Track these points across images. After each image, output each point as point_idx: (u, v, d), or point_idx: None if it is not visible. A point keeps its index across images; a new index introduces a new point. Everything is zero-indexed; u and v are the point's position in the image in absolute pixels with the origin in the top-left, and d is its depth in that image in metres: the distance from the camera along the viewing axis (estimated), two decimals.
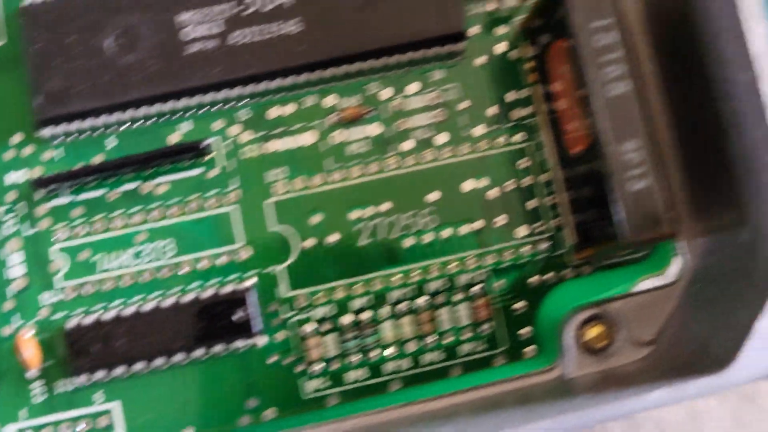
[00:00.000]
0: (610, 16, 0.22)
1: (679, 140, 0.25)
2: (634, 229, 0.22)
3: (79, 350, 0.23)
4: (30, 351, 0.23)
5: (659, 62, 0.25)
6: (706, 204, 0.25)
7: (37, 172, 0.25)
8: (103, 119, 0.24)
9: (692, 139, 0.25)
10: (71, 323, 0.24)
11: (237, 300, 0.24)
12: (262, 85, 0.24)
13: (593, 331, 0.24)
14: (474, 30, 0.26)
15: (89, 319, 0.24)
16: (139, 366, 0.24)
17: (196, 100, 0.24)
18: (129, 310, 0.24)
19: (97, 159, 0.25)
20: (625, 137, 0.22)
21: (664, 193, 0.22)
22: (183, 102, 0.24)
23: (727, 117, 0.22)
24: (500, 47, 0.26)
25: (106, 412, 0.24)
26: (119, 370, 0.23)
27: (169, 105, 0.24)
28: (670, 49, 0.25)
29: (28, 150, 0.25)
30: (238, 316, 0.23)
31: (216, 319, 0.23)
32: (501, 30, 0.26)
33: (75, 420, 0.24)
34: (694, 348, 0.22)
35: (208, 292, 0.24)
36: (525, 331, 0.25)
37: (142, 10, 0.24)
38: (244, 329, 0.23)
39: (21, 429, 0.24)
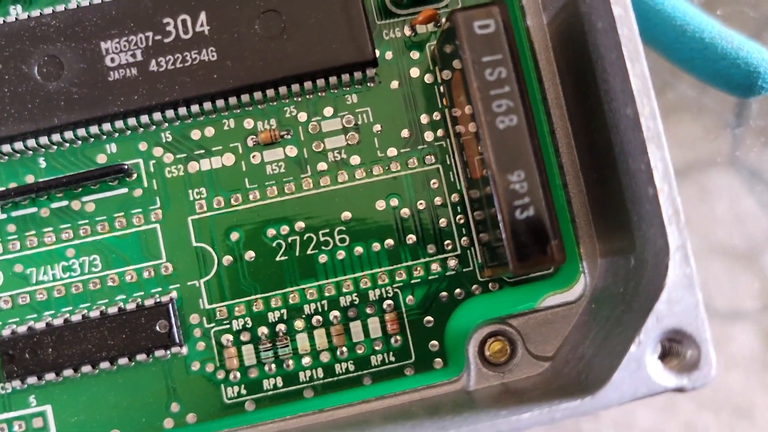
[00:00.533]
0: (501, 51, 0.23)
1: (584, 164, 0.26)
2: (520, 258, 0.23)
3: (11, 357, 0.25)
4: None
5: (563, 89, 0.26)
6: (605, 227, 0.26)
7: None
8: (32, 143, 0.26)
9: (594, 164, 0.25)
10: (5, 332, 0.25)
11: (160, 311, 0.25)
12: (182, 110, 0.26)
13: (495, 346, 0.25)
14: (389, 54, 0.27)
15: (22, 329, 0.25)
16: (67, 372, 0.25)
17: (120, 124, 0.26)
18: (58, 321, 0.25)
19: (29, 179, 0.26)
20: (513, 168, 0.23)
21: (549, 222, 0.23)
22: (107, 126, 0.26)
23: (616, 147, 0.23)
24: (414, 71, 0.27)
25: (40, 414, 0.26)
26: (49, 376, 0.25)
27: (94, 129, 0.26)
28: (573, 77, 0.25)
29: None
30: (160, 326, 0.25)
31: (140, 330, 0.25)
32: (415, 55, 0.27)
33: (10, 421, 0.26)
34: (580, 368, 0.24)
35: (132, 305, 0.26)
36: (433, 344, 0.26)
37: (66, 39, 0.25)
38: (166, 339, 0.25)
39: None
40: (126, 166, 0.26)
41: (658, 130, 0.22)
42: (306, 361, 0.26)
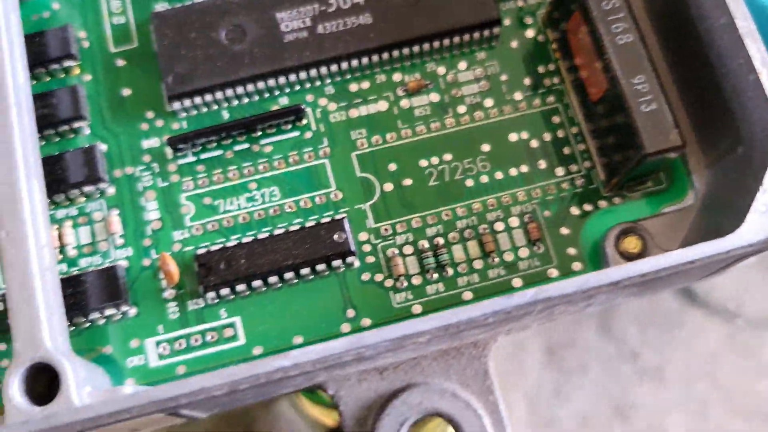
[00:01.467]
0: None
1: (679, 87, 0.31)
2: (650, 142, 0.27)
3: (209, 269, 0.29)
4: (172, 265, 0.28)
5: (656, 20, 0.31)
6: (708, 138, 0.30)
7: (166, 139, 0.30)
8: (219, 94, 0.30)
9: (691, 78, 0.30)
10: (200, 250, 0.29)
11: (337, 224, 0.29)
12: (344, 64, 0.31)
13: (629, 241, 0.29)
14: (507, 21, 0.32)
15: (215, 247, 0.29)
16: (256, 284, 0.29)
17: (292, 77, 0.31)
18: (248, 238, 0.29)
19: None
20: (635, 73, 0.28)
21: (670, 114, 0.28)
22: (282, 79, 0.31)
23: (713, 55, 0.29)
24: (529, 33, 0.32)
25: (230, 325, 0.29)
26: (240, 287, 0.29)
27: (271, 82, 0.31)
28: (663, 9, 0.31)
29: (159, 122, 0.31)
30: (338, 236, 0.29)
31: (320, 240, 0.29)
32: (529, 20, 0.33)
33: (203, 333, 0.29)
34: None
35: (311, 222, 0.29)
36: (571, 250, 0.30)
37: (247, 11, 0.31)
38: (344, 247, 0.29)
39: (159, 341, 0.29)
40: (302, 106, 0.30)
41: (750, 28, 0.27)
42: (462, 267, 0.30)
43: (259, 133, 0.31)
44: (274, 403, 0.60)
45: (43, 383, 0.26)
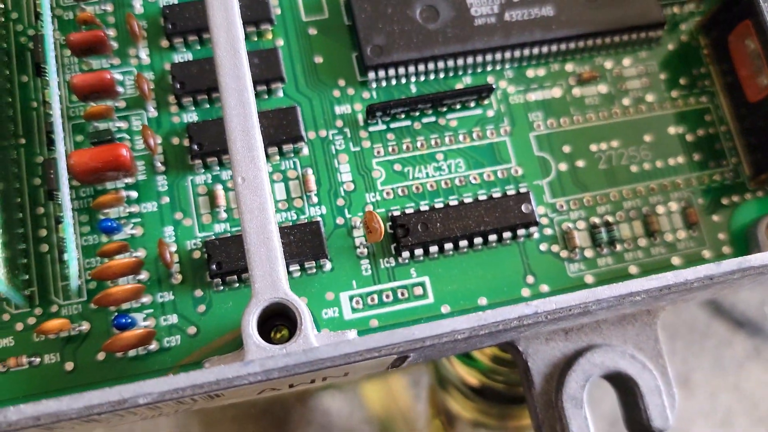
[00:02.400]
0: None
1: None
2: None
3: (407, 230, 0.30)
4: (379, 221, 0.30)
5: None
6: None
7: (358, 107, 0.32)
8: (411, 69, 0.32)
9: None
10: (395, 212, 0.31)
11: (523, 197, 0.31)
12: (526, 51, 0.33)
13: None
14: (665, 27, 0.35)
15: (408, 210, 0.31)
16: (447, 246, 0.31)
17: (479, 58, 0.33)
18: (438, 204, 0.31)
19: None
20: None
21: None
22: (470, 59, 0.33)
23: None
24: (683, 38, 0.35)
25: (420, 284, 0.31)
26: (433, 249, 0.31)
27: (460, 61, 0.33)
28: None
29: (350, 90, 0.33)
30: (525, 208, 0.31)
31: (509, 210, 0.31)
32: (683, 26, 0.36)
33: (395, 290, 0.31)
34: None
35: (497, 194, 0.32)
36: (721, 236, 0.33)
37: None
38: (530, 217, 0.31)
39: (352, 296, 0.30)
40: (492, 85, 0.32)
41: None
42: (628, 244, 0.32)
43: (445, 108, 0.33)
44: (309, 396, 0.61)
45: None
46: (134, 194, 0.31)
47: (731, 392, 0.36)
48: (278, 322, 0.28)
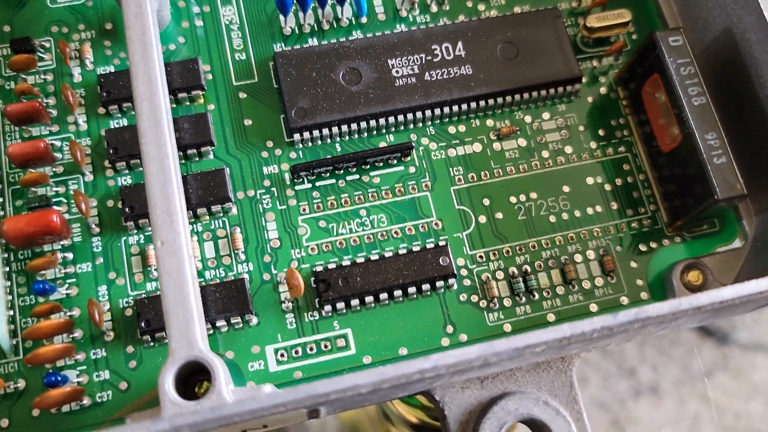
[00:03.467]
0: (688, 56, 0.33)
1: (731, 142, 0.35)
2: (722, 190, 0.32)
3: (328, 285, 0.32)
4: (299, 279, 0.31)
5: (716, 85, 0.36)
6: (758, 189, 0.35)
7: (285, 167, 0.34)
8: (335, 129, 0.34)
9: (741, 141, 0.35)
10: (318, 268, 0.32)
11: (441, 249, 0.33)
12: (446, 109, 0.35)
13: (692, 274, 0.34)
14: (584, 79, 0.37)
15: (331, 265, 0.32)
16: (368, 299, 0.32)
17: (401, 117, 0.35)
18: (360, 259, 0.33)
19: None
20: (708, 130, 0.33)
21: (735, 167, 0.32)
22: (391, 119, 0.34)
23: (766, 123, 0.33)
24: (603, 90, 0.37)
25: (343, 336, 0.32)
26: (354, 302, 0.32)
27: (382, 121, 0.34)
28: (724, 78, 0.36)
29: (278, 151, 0.34)
30: (442, 260, 0.32)
31: (427, 263, 0.32)
32: (602, 79, 0.37)
33: (318, 342, 0.32)
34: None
35: (416, 248, 0.33)
36: (639, 282, 0.34)
37: (362, 56, 0.35)
38: (448, 270, 0.32)
39: (277, 348, 0.32)
40: (412, 143, 0.34)
41: None
42: (546, 292, 0.33)
43: (369, 166, 0.34)
44: None
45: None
46: (70, 255, 0.32)
47: (699, 400, 0.37)
48: (202, 377, 0.30)
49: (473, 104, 0.35)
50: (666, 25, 0.38)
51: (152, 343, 0.31)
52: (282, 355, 0.32)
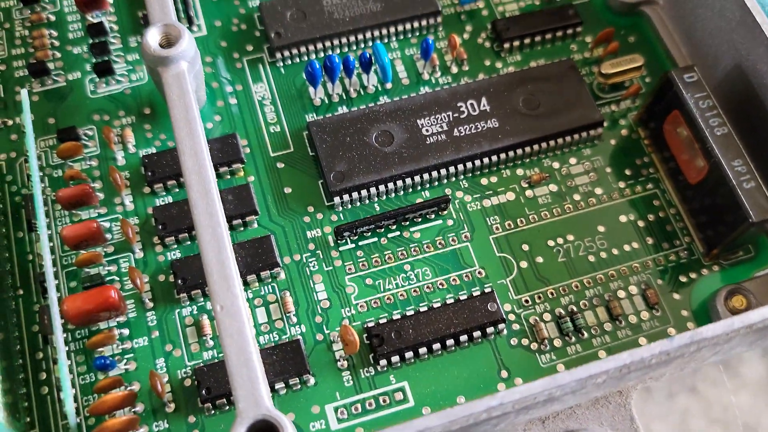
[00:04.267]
0: (704, 90, 0.35)
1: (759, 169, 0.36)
2: (756, 212, 0.33)
3: (381, 339, 0.32)
4: (353, 333, 0.32)
5: (734, 116, 0.37)
6: None
7: (327, 229, 0.35)
8: (373, 190, 0.35)
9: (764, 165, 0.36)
10: (369, 324, 0.33)
11: (488, 296, 0.33)
12: (477, 162, 0.36)
13: (736, 300, 0.34)
14: (604, 123, 0.38)
15: (382, 320, 0.33)
16: (422, 351, 0.32)
17: (435, 174, 0.36)
18: (409, 312, 0.33)
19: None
20: (734, 158, 0.34)
21: (765, 191, 0.33)
22: (426, 176, 0.36)
23: None
24: (624, 132, 0.38)
25: (400, 389, 0.32)
26: (408, 355, 0.32)
27: (417, 178, 0.36)
28: (740, 108, 0.37)
29: (319, 215, 0.35)
30: (490, 306, 0.33)
31: (475, 310, 0.33)
32: (622, 122, 0.38)
33: (376, 397, 0.32)
34: None
35: (463, 296, 0.34)
36: (684, 312, 0.35)
37: (392, 119, 0.36)
38: (496, 315, 0.33)
39: (337, 407, 0.32)
40: (449, 197, 0.35)
41: None
42: (594, 330, 0.34)
43: (408, 222, 0.35)
44: None
45: None
46: (126, 331, 0.33)
47: (688, 394, 0.36)
48: None
49: (502, 155, 0.36)
50: (676, 66, 0.40)
51: (213, 411, 0.32)
52: (342, 413, 0.32)
